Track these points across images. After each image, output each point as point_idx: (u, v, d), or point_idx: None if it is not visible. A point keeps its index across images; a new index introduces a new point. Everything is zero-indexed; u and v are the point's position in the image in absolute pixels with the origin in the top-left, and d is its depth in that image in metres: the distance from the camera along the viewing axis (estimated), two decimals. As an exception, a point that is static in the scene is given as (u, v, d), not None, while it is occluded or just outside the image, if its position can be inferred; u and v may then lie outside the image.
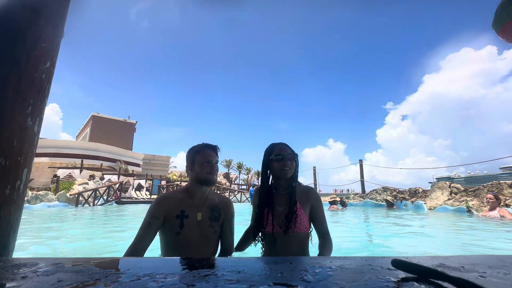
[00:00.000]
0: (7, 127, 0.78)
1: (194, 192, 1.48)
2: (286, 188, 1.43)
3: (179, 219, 1.38)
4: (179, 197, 1.46)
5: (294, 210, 1.34)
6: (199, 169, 1.45)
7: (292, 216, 1.32)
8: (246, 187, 34.35)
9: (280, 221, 1.35)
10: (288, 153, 1.41)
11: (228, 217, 1.53)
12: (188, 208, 1.42)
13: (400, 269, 0.41)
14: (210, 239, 1.45)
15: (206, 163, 1.45)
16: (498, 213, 5.28)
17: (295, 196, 1.38)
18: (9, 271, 0.42)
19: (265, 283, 0.37)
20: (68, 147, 26.24)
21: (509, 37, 1.74)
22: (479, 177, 52.47)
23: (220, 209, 1.51)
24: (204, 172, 1.44)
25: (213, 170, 1.46)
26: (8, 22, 0.85)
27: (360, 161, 12.36)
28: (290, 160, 1.40)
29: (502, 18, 1.68)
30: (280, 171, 1.38)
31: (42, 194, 10.46)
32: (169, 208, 1.40)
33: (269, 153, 1.44)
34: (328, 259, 0.51)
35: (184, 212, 1.40)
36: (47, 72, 0.92)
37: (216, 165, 1.50)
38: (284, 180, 1.43)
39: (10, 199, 0.78)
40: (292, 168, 1.40)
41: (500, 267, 0.44)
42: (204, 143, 1.54)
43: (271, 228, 1.35)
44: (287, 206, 1.37)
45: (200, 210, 1.44)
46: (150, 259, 0.59)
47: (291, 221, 1.32)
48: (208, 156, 1.47)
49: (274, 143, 1.48)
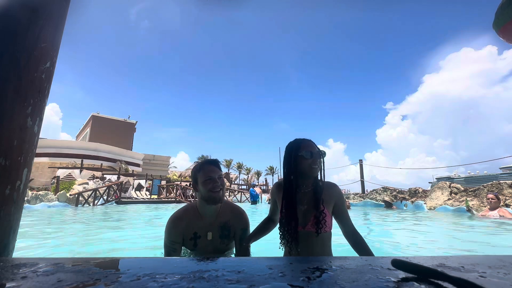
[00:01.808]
0: (7, 127, 0.78)
1: (204, 212, 1.45)
2: (309, 186, 1.37)
3: (192, 240, 1.43)
4: (190, 218, 1.46)
5: (322, 210, 1.28)
6: (202, 188, 1.41)
7: (321, 216, 1.27)
8: (246, 187, 34.34)
9: (304, 221, 1.30)
10: (316, 151, 1.35)
11: (238, 232, 1.50)
12: (200, 229, 1.44)
13: (400, 269, 0.41)
14: (223, 251, 1.47)
15: (208, 180, 1.40)
16: (498, 213, 5.28)
17: (320, 194, 1.32)
18: (9, 271, 0.42)
19: (265, 283, 0.37)
20: (68, 147, 26.23)
21: (509, 38, 1.73)
22: (479, 177, 52.55)
23: (230, 226, 1.48)
24: (207, 191, 1.40)
25: (216, 186, 1.40)
26: (8, 22, 0.85)
27: (360, 161, 12.36)
28: (318, 157, 1.34)
29: (502, 18, 1.68)
30: (310, 169, 1.32)
31: (42, 194, 10.46)
32: (184, 231, 1.44)
33: (297, 150, 1.36)
34: (328, 259, 0.51)
35: (196, 234, 1.43)
36: (47, 72, 0.92)
37: (221, 180, 1.45)
38: (309, 178, 1.36)
39: (10, 199, 0.78)
40: (319, 166, 1.34)
41: (500, 267, 0.44)
42: (204, 160, 1.51)
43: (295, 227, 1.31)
44: (311, 204, 1.32)
45: (210, 229, 1.44)
46: (150, 259, 0.59)
47: (321, 221, 1.26)
48: (209, 173, 1.42)
49: (299, 139, 1.41)
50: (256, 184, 37.05)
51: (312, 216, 1.28)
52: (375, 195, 10.03)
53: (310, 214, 1.29)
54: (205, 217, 1.45)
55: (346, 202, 9.18)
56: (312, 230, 1.26)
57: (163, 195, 18.14)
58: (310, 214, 1.29)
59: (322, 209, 1.29)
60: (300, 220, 1.29)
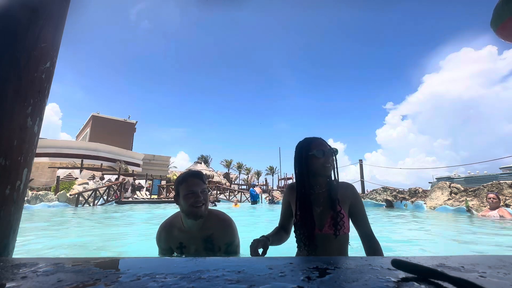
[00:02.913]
0: (7, 127, 0.78)
1: (187, 224, 1.42)
2: (323, 186, 1.31)
3: (179, 250, 1.44)
4: (175, 228, 1.47)
5: (339, 210, 1.23)
6: (183, 202, 1.35)
7: (338, 217, 1.21)
8: (246, 187, 34.36)
9: (320, 223, 1.24)
10: (328, 149, 1.29)
11: (222, 247, 1.41)
12: (185, 240, 1.44)
13: (400, 269, 0.41)
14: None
15: (190, 194, 1.34)
16: (498, 213, 5.28)
17: (336, 194, 1.27)
18: (9, 271, 0.42)
19: (265, 283, 0.37)
20: (68, 147, 26.23)
21: (507, 36, 1.73)
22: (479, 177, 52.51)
23: (213, 239, 1.41)
24: (188, 205, 1.34)
25: (198, 201, 1.34)
26: (8, 22, 0.85)
27: (360, 161, 12.36)
28: (331, 156, 1.29)
29: (500, 16, 1.67)
30: (323, 168, 1.26)
31: (42, 194, 10.46)
32: (170, 240, 1.46)
33: (307, 149, 1.30)
34: (329, 259, 0.51)
35: (182, 244, 1.43)
36: (47, 72, 0.92)
37: (204, 194, 1.37)
38: (322, 178, 1.31)
39: (10, 199, 0.78)
40: (332, 164, 1.29)
41: (500, 267, 0.44)
42: (187, 172, 1.45)
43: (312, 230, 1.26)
44: (327, 206, 1.26)
45: (194, 242, 1.42)
46: (150, 259, 0.59)
47: (339, 222, 1.21)
48: (191, 186, 1.36)
49: (309, 137, 1.36)
50: (256, 184, 37.05)
51: (329, 218, 1.23)
52: (375, 195, 10.04)
53: (327, 215, 1.24)
54: (189, 229, 1.42)
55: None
56: (330, 232, 1.21)
57: (163, 195, 18.15)
58: (327, 216, 1.24)
59: (339, 209, 1.23)
60: (316, 223, 1.24)
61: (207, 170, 31.89)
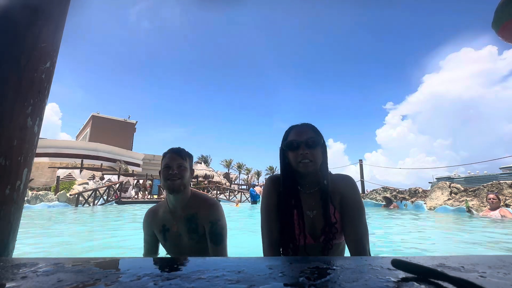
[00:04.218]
0: (7, 127, 0.78)
1: (170, 203, 1.39)
2: (314, 185, 1.05)
3: (161, 233, 1.39)
4: (160, 211, 1.43)
5: (330, 215, 1.01)
6: (161, 176, 1.36)
7: (332, 225, 0.99)
8: (246, 187, 34.35)
9: (313, 230, 1.02)
10: (306, 138, 1.00)
11: (207, 226, 1.34)
12: (167, 221, 1.39)
13: (400, 269, 0.41)
14: (195, 249, 1.35)
15: (166, 168, 1.34)
16: (499, 213, 5.28)
17: (329, 197, 1.02)
18: (9, 271, 0.42)
19: (265, 283, 0.37)
20: (68, 147, 26.22)
21: (508, 37, 1.73)
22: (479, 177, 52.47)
23: (197, 219, 1.35)
24: (163, 179, 1.33)
25: (171, 174, 1.31)
26: (8, 22, 0.85)
27: (360, 161, 12.36)
28: (310, 147, 0.98)
29: (501, 17, 1.67)
30: (297, 164, 0.99)
31: (42, 194, 10.47)
32: (154, 224, 1.43)
33: (285, 139, 1.07)
34: (329, 259, 0.51)
35: (165, 226, 1.39)
36: (47, 72, 0.92)
37: (180, 170, 1.34)
38: (308, 177, 1.04)
39: (10, 199, 0.78)
40: (314, 159, 0.98)
41: (500, 267, 0.44)
42: (170, 148, 1.43)
43: (303, 239, 1.01)
44: (320, 209, 1.02)
45: (176, 222, 1.37)
46: (150, 259, 0.59)
47: (331, 231, 0.98)
48: (168, 160, 1.35)
49: (294, 125, 1.09)
50: (256, 184, 37.04)
51: (323, 224, 1.01)
52: (375, 195, 10.04)
53: (321, 221, 1.02)
54: (172, 208, 1.39)
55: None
56: (315, 242, 1.02)
57: (163, 195, 18.14)
58: (321, 222, 1.02)
59: (334, 221, 1.00)
60: (308, 230, 1.02)
61: (207, 170, 31.88)
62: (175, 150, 1.40)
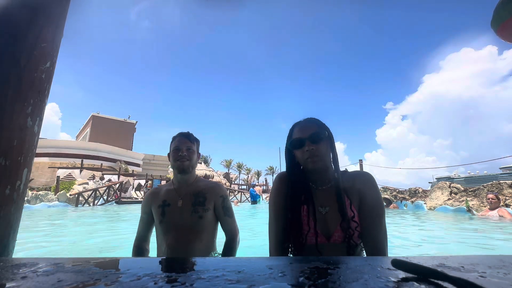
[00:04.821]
0: (7, 127, 0.78)
1: (176, 181, 1.50)
2: (326, 181, 1.00)
3: (160, 208, 1.42)
4: (164, 189, 1.51)
5: (347, 210, 0.93)
6: (171, 158, 1.48)
7: (350, 219, 0.92)
8: (246, 187, 34.34)
9: (325, 228, 0.95)
10: (310, 134, 0.96)
11: (218, 200, 1.45)
12: (170, 197, 1.45)
13: (400, 269, 0.41)
14: (195, 225, 1.38)
15: (175, 149, 1.46)
16: (498, 213, 5.28)
17: (342, 190, 0.97)
18: (9, 271, 0.42)
19: (265, 283, 0.37)
20: (68, 147, 26.22)
21: (508, 36, 1.73)
22: (479, 177, 52.53)
23: (206, 193, 1.45)
24: (173, 159, 1.45)
25: (180, 156, 1.43)
26: (8, 22, 0.85)
27: (360, 161, 12.36)
28: (315, 142, 0.95)
29: (501, 16, 1.68)
30: (305, 162, 0.96)
31: (42, 194, 10.47)
32: (154, 200, 1.47)
33: (289, 137, 1.03)
34: (328, 259, 0.51)
35: (165, 201, 1.43)
36: (47, 72, 0.92)
37: (189, 152, 1.46)
38: (319, 173, 1.00)
39: (10, 199, 0.78)
40: (321, 154, 0.95)
41: (500, 267, 0.44)
42: (179, 132, 1.55)
43: (314, 237, 0.93)
44: (334, 205, 0.96)
45: (181, 197, 1.44)
46: (150, 259, 0.59)
47: (350, 228, 0.91)
48: (177, 142, 1.47)
49: (298, 121, 1.06)
50: (256, 184, 37.02)
51: (338, 222, 0.94)
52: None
53: (336, 219, 0.94)
54: (177, 186, 1.48)
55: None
56: (340, 241, 0.93)
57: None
58: (336, 220, 0.94)
59: (351, 215, 0.93)
60: (321, 229, 0.94)
61: (207, 170, 31.86)
62: (185, 134, 1.51)
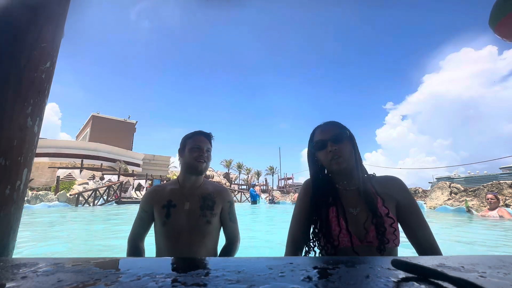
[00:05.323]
0: (7, 127, 0.78)
1: (184, 181, 1.40)
2: (354, 183, 0.99)
3: (165, 209, 1.32)
4: (168, 188, 1.40)
5: (379, 208, 0.91)
6: (188, 155, 1.37)
7: (382, 218, 0.90)
8: (246, 187, 34.35)
9: (358, 229, 0.91)
10: (332, 135, 0.98)
11: (225, 205, 1.41)
12: (176, 197, 1.35)
13: (400, 269, 0.41)
14: (202, 229, 1.32)
15: (196, 148, 1.37)
16: (497, 213, 5.28)
17: (371, 189, 0.96)
18: (9, 271, 0.42)
19: (265, 283, 0.37)
20: (68, 147, 26.24)
21: (505, 34, 1.73)
22: (479, 177, 52.54)
23: (214, 197, 1.38)
24: (192, 158, 1.36)
25: (201, 157, 1.36)
26: (8, 22, 0.85)
27: (360, 161, 12.34)
28: (337, 142, 0.96)
29: (498, 14, 1.68)
30: (329, 163, 0.97)
31: (42, 194, 10.47)
32: (157, 199, 1.36)
33: (311, 140, 1.05)
34: (328, 259, 0.51)
35: (171, 202, 1.34)
36: (47, 72, 0.92)
37: (208, 154, 1.40)
38: (344, 174, 1.00)
39: (10, 199, 0.78)
40: (344, 154, 0.96)
41: (500, 267, 0.44)
42: (198, 130, 1.46)
43: (346, 238, 0.90)
44: (365, 206, 0.93)
45: (189, 199, 1.35)
46: (150, 259, 0.59)
47: (383, 226, 0.89)
48: (199, 142, 1.39)
49: (319, 125, 1.06)
50: (256, 183, 37.05)
51: (371, 223, 0.90)
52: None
53: (368, 220, 0.92)
54: (184, 187, 1.38)
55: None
56: (375, 244, 0.89)
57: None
58: (368, 221, 0.91)
59: (386, 211, 0.91)
60: (352, 230, 0.91)
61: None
62: (206, 133, 1.44)
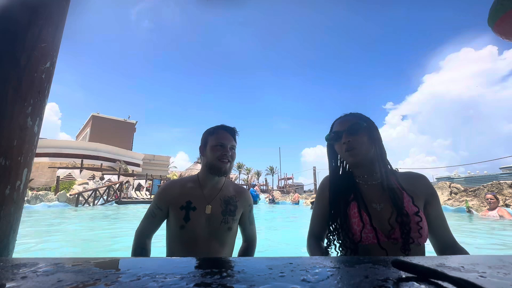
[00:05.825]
0: (7, 127, 0.78)
1: (205, 181, 1.26)
2: (376, 177, 0.95)
3: (184, 211, 1.19)
4: (187, 186, 1.26)
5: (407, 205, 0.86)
6: (210, 153, 1.23)
7: (409, 216, 0.84)
8: (246, 187, 34.31)
9: (383, 225, 0.87)
10: (348, 126, 0.94)
11: (246, 209, 1.33)
12: (196, 199, 1.22)
13: (400, 269, 0.41)
14: (223, 237, 1.21)
15: (219, 146, 1.22)
16: (497, 213, 5.28)
17: (398, 184, 0.91)
18: (9, 271, 0.42)
19: (265, 283, 0.37)
20: (68, 147, 26.23)
21: (504, 32, 1.72)
22: (479, 177, 52.52)
23: (236, 201, 1.28)
24: (214, 157, 1.21)
25: (225, 156, 1.21)
26: (8, 22, 0.85)
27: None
28: (352, 134, 0.92)
29: (496, 12, 1.67)
30: (344, 156, 0.95)
31: (42, 194, 10.47)
32: (175, 197, 1.23)
33: (330, 132, 1.02)
34: (328, 259, 0.51)
35: (190, 204, 1.20)
36: (47, 72, 0.92)
37: (232, 152, 1.25)
38: (362, 166, 0.96)
39: (10, 199, 0.78)
40: (358, 145, 0.91)
41: (500, 267, 0.44)
42: (221, 124, 1.30)
43: (374, 235, 0.86)
44: (389, 201, 0.88)
45: (210, 202, 1.23)
46: (150, 259, 0.59)
47: (408, 224, 0.84)
48: (222, 139, 1.23)
49: (339, 116, 1.04)
50: (256, 183, 37.06)
51: (397, 222, 0.85)
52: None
53: (393, 215, 0.87)
54: (205, 188, 1.25)
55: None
56: (400, 240, 0.85)
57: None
58: (393, 216, 0.86)
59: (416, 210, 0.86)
60: (377, 226, 0.87)
61: (207, 170, 31.86)
62: (230, 128, 1.28)
